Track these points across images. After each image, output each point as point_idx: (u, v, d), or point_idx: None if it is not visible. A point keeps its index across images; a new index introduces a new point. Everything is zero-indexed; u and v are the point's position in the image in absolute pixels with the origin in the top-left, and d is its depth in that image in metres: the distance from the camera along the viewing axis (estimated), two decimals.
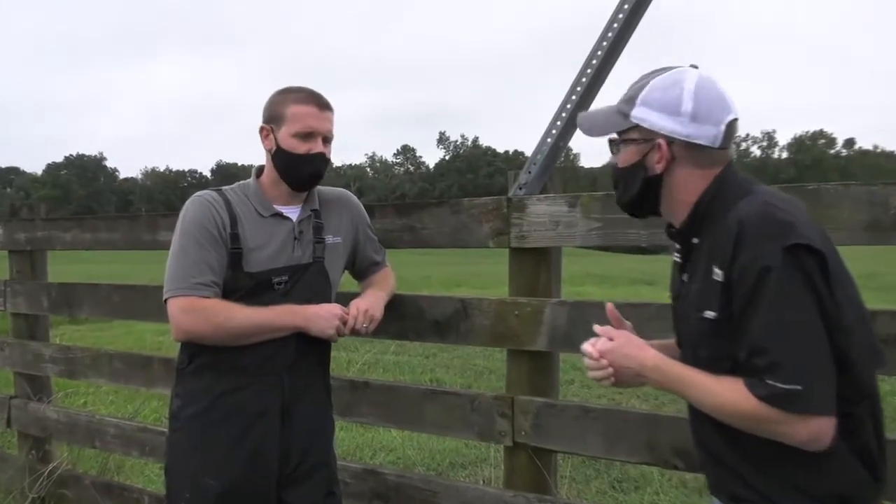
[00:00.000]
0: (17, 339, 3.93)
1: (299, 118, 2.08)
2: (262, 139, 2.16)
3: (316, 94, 2.13)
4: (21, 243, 3.85)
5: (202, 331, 2.01)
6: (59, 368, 3.71)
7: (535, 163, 2.40)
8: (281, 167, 2.13)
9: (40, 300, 3.74)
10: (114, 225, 3.47)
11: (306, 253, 2.15)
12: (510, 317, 2.36)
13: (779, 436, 1.29)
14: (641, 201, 1.51)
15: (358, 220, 2.33)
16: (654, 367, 1.44)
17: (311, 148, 2.10)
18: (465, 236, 2.47)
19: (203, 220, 2.05)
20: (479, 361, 7.99)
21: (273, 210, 2.14)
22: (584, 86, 2.36)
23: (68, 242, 3.66)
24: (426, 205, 2.56)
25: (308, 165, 2.11)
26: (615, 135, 1.50)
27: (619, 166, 1.51)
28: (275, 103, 2.12)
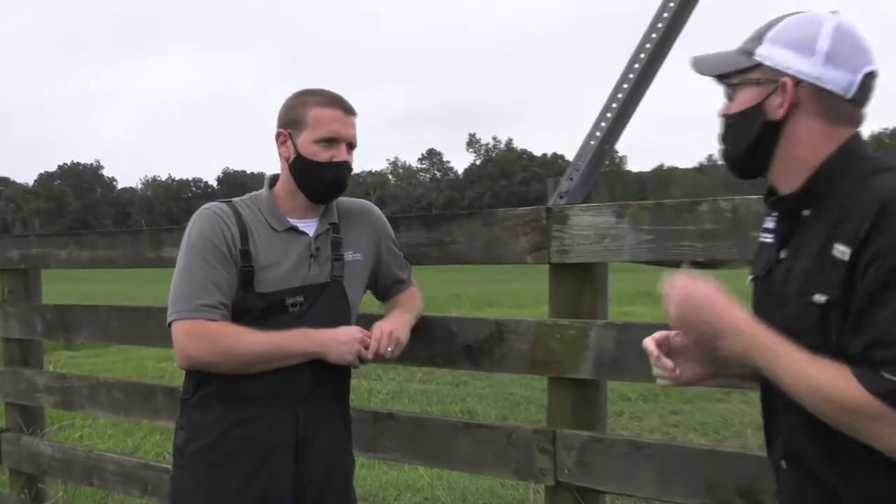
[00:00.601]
0: (8, 366, 4.01)
1: (322, 123, 2.12)
2: (279, 145, 2.19)
3: (339, 96, 2.16)
4: (14, 261, 3.93)
5: (208, 357, 2.04)
6: (54, 399, 3.77)
7: (578, 168, 2.40)
8: (300, 176, 2.16)
9: (34, 323, 3.81)
10: (114, 241, 3.54)
11: (324, 271, 2.17)
12: (551, 341, 2.36)
13: (870, 435, 1.26)
14: (753, 153, 1.44)
15: (380, 234, 2.35)
16: (741, 329, 1.36)
17: (334, 155, 2.13)
18: (500, 251, 2.47)
19: (211, 236, 2.08)
20: (516, 390, 7.96)
21: (288, 224, 2.17)
22: (632, 80, 2.36)
23: (64, 260, 3.73)
24: (456, 216, 2.57)
25: (331, 175, 2.14)
26: (733, 78, 1.45)
27: (733, 111, 1.46)
28: (294, 106, 2.16)
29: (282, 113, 2.19)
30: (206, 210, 2.15)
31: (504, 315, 2.88)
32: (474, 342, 2.49)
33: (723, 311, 1.38)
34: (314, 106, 2.13)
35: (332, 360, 2.09)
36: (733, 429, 6.20)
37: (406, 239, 2.59)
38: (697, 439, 5.89)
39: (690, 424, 6.45)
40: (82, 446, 4.17)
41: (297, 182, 2.17)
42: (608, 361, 2.27)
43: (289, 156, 2.17)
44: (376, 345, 2.11)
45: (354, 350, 2.09)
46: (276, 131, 2.18)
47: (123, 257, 3.48)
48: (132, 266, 3.46)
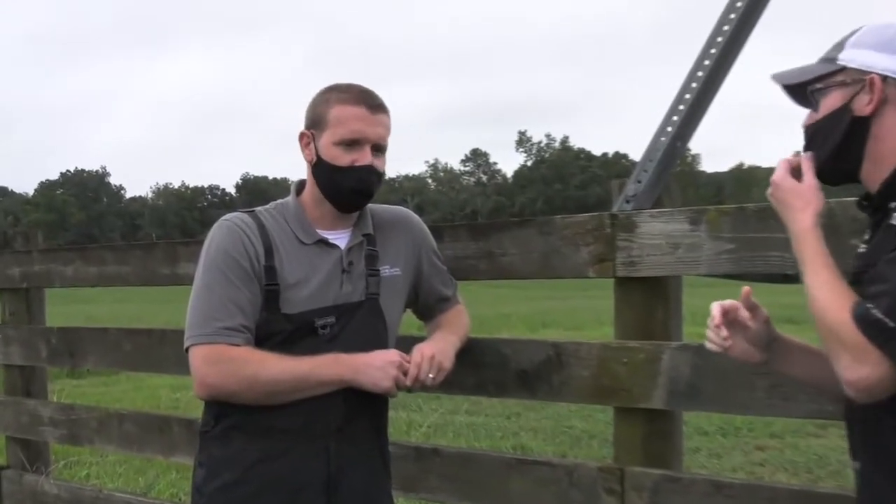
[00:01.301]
0: (10, 395, 4.10)
1: (343, 122, 2.13)
2: (302, 148, 2.22)
3: (367, 91, 2.17)
4: (15, 280, 4.02)
5: (230, 386, 2.07)
6: (59, 432, 3.84)
7: (647, 169, 2.40)
8: (322, 182, 2.19)
9: (38, 348, 3.89)
10: (124, 256, 3.60)
11: (357, 289, 2.19)
12: (617, 365, 2.35)
13: (839, 363, 1.48)
14: (842, 154, 1.62)
15: (421, 245, 2.36)
16: (796, 233, 1.63)
17: (355, 159, 2.14)
18: (558, 264, 2.47)
19: (232, 251, 2.11)
20: (577, 423, 7.92)
21: (317, 236, 2.19)
22: (707, 69, 2.36)
23: (69, 278, 3.81)
24: (507, 225, 2.58)
25: (351, 181, 2.15)
26: (817, 84, 1.65)
27: (819, 117, 1.65)
28: (317, 104, 2.18)
29: (307, 111, 2.21)
30: (226, 222, 2.18)
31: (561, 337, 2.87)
32: (529, 367, 2.49)
33: (795, 211, 1.64)
34: (337, 103, 2.14)
35: (367, 388, 2.10)
36: (830, 467, 6.11)
37: (451, 251, 2.60)
38: (787, 479, 5.80)
39: (779, 462, 6.36)
40: (90, 485, 4.25)
41: (321, 188, 2.19)
42: (683, 389, 2.25)
43: (311, 159, 2.20)
44: (416, 370, 2.10)
45: (392, 376, 2.08)
46: (300, 132, 2.21)
47: (135, 274, 3.54)
48: (144, 284, 3.52)
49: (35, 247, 4.09)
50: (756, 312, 1.75)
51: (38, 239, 4.18)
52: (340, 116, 2.13)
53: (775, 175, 1.70)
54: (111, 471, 6.21)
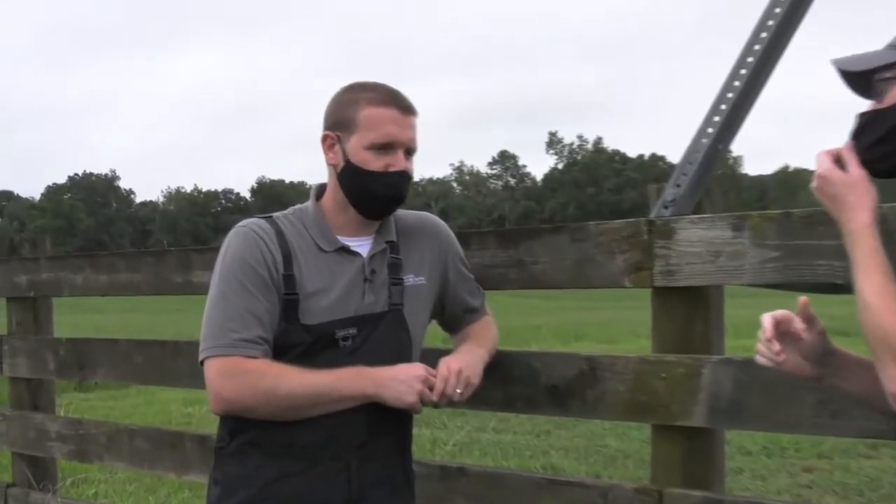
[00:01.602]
0: (16, 409, 4.14)
1: (376, 124, 2.14)
2: (325, 151, 2.22)
3: (396, 92, 2.19)
4: (22, 288, 4.07)
5: (247, 400, 2.07)
6: (67, 448, 3.88)
7: (686, 172, 2.39)
8: (350, 188, 2.19)
9: (45, 360, 3.93)
10: (136, 263, 3.64)
11: (380, 299, 2.19)
12: (655, 380, 2.34)
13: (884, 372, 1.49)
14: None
15: (447, 253, 2.37)
16: (850, 231, 1.62)
17: (389, 164, 2.15)
18: (592, 273, 2.47)
19: (249, 258, 2.12)
20: (611, 442, 7.89)
21: (338, 243, 2.20)
22: (751, 66, 2.35)
23: (79, 286, 3.85)
24: (539, 231, 2.58)
25: (385, 186, 2.16)
26: (886, 73, 1.62)
27: (884, 106, 1.62)
28: (343, 104, 2.19)
29: (329, 112, 2.21)
30: (242, 228, 2.19)
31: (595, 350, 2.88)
32: (561, 382, 2.48)
33: (850, 207, 1.62)
34: (367, 104, 2.15)
35: (390, 403, 2.10)
36: (882, 490, 6.05)
37: (478, 259, 2.61)
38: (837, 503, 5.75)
39: (828, 485, 6.30)
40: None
41: (347, 194, 2.20)
42: (725, 406, 2.24)
43: (337, 163, 2.19)
44: (443, 385, 2.10)
45: (417, 391, 2.08)
46: (323, 133, 2.21)
47: (147, 282, 3.58)
48: (157, 292, 3.56)
49: (43, 254, 4.13)
50: (812, 324, 1.71)
51: (45, 245, 4.22)
52: (372, 119, 2.14)
53: (821, 168, 1.66)
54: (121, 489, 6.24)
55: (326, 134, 2.21)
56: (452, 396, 2.11)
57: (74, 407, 8.48)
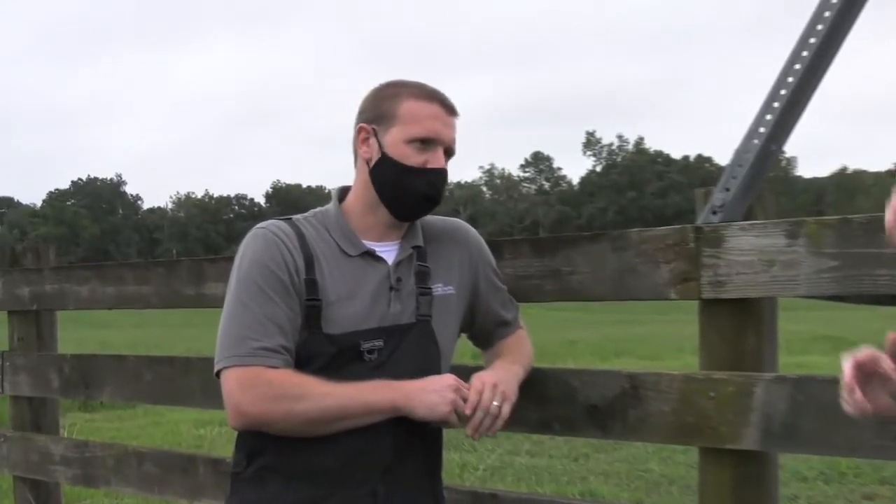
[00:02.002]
0: (17, 430, 4.17)
1: (419, 118, 2.17)
2: (358, 144, 2.25)
3: (440, 91, 2.23)
4: (25, 301, 4.11)
5: (269, 414, 2.07)
6: (72, 472, 3.91)
7: (736, 175, 2.39)
8: (384, 182, 2.20)
9: (49, 378, 3.97)
10: (145, 275, 3.67)
11: (407, 309, 2.20)
12: (703, 400, 2.34)
13: None
14: None
15: (478, 261, 2.38)
16: None
17: (428, 160, 2.18)
18: (634, 284, 2.47)
19: (268, 262, 2.13)
20: (654, 466, 7.86)
21: (363, 247, 2.21)
22: (806, 61, 2.34)
23: (85, 299, 3.89)
24: (577, 239, 2.58)
25: (424, 184, 2.18)
26: None
27: None
28: (382, 98, 2.22)
29: (365, 105, 2.25)
30: (261, 230, 2.20)
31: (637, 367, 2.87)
32: (601, 402, 2.48)
33: None
34: (409, 98, 2.19)
35: (421, 415, 2.08)
36: None
37: (511, 269, 2.62)
38: None
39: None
40: None
41: (380, 190, 2.21)
42: (779, 428, 2.23)
43: (370, 156, 2.22)
44: (477, 397, 2.09)
45: (450, 400, 2.07)
46: (357, 126, 2.24)
47: (157, 295, 3.61)
48: (167, 306, 3.58)
49: (46, 264, 4.17)
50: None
51: (49, 255, 4.25)
52: (415, 112, 2.18)
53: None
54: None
55: (362, 126, 2.23)
56: (491, 410, 2.10)
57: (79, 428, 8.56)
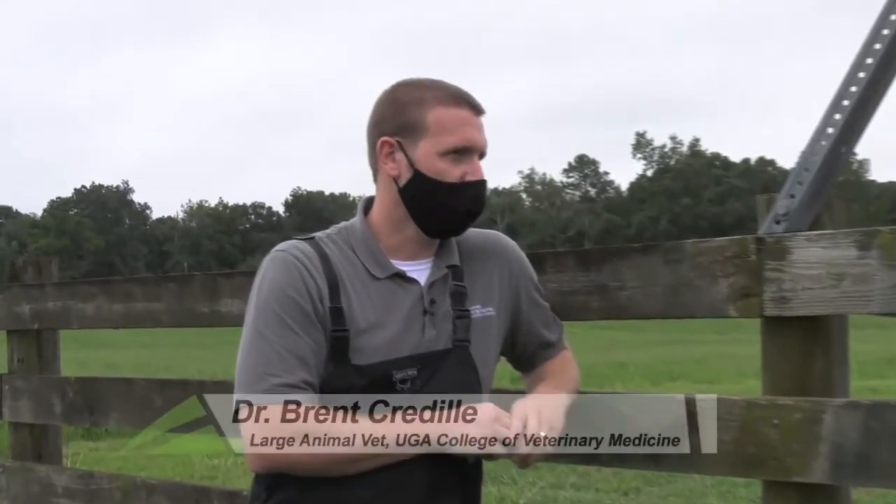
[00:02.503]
0: (18, 460, 4.21)
1: (452, 128, 2.17)
2: (381, 160, 2.24)
3: (462, 90, 2.23)
4: (25, 320, 4.15)
5: (291, 456, 2.07)
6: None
7: (802, 181, 2.38)
8: (420, 202, 2.20)
9: (51, 403, 4.00)
10: (156, 290, 3.70)
11: (442, 334, 2.21)
12: (766, 428, 2.33)
13: None
14: None
15: (519, 278, 2.39)
16: None
17: (467, 172, 2.19)
18: (689, 300, 2.47)
19: (289, 289, 2.14)
20: (713, 501, 7.83)
21: (392, 269, 2.22)
22: (880, 54, 2.33)
23: (90, 317, 3.92)
24: (626, 251, 2.58)
25: (466, 199, 2.19)
26: None
27: None
28: (404, 105, 2.21)
29: (384, 114, 2.24)
30: (280, 253, 2.21)
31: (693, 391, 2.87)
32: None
33: None
34: (436, 105, 2.18)
35: (459, 449, 2.08)
36: None
37: (554, 284, 2.62)
38: None
39: None
40: None
41: (414, 210, 2.21)
42: (851, 459, 2.22)
43: (399, 174, 2.21)
44: (520, 424, 2.08)
45: (489, 433, 2.06)
46: (379, 140, 2.22)
47: (168, 312, 3.63)
48: (179, 324, 3.62)
49: (49, 279, 4.21)
50: None
51: (52, 270, 4.28)
52: (445, 120, 2.17)
53: None
54: None
55: (385, 140, 2.22)
56: (538, 441, 2.09)
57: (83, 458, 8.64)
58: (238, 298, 3.23)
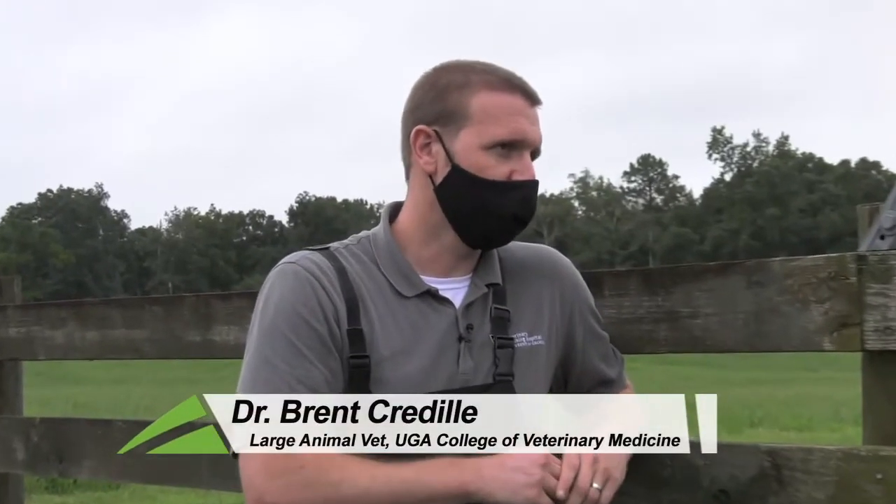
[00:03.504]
0: None
1: (499, 116, 2.17)
2: (416, 153, 2.25)
3: (517, 75, 2.24)
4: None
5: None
6: None
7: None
8: (459, 203, 2.21)
9: (12, 448, 3.99)
10: (138, 315, 3.69)
11: (482, 366, 2.22)
12: (867, 484, 2.32)
13: None
14: None
15: (574, 302, 2.40)
16: None
17: (516, 170, 2.19)
18: (775, 330, 2.46)
19: (300, 308, 2.16)
20: None
21: (422, 286, 2.24)
22: None
23: (59, 346, 3.91)
24: (700, 271, 2.58)
25: (513, 202, 2.19)
26: None
27: None
28: (445, 88, 2.22)
29: (422, 99, 2.25)
30: (290, 266, 2.23)
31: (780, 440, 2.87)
32: (732, 486, 2.47)
33: None
34: (482, 88, 2.19)
35: (502, 499, 2.08)
36: None
37: (614, 310, 2.63)
38: None
39: None
40: None
41: (453, 213, 2.22)
42: None
43: (435, 169, 2.22)
44: (572, 473, 2.09)
45: (537, 479, 2.06)
46: (413, 129, 2.24)
47: (152, 341, 3.63)
48: (165, 355, 3.61)
49: (11, 301, 4.19)
50: None
51: (13, 289, 4.26)
52: (494, 108, 2.18)
53: None
54: None
55: (420, 129, 2.23)
56: (588, 493, 2.10)
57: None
58: (235, 325, 3.24)
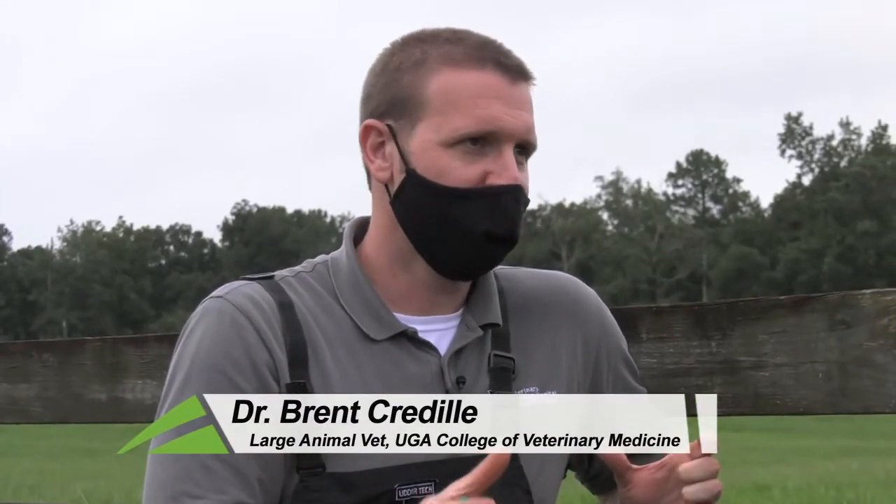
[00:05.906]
0: None
1: (464, 102, 2.16)
2: (367, 155, 2.27)
3: (493, 43, 2.23)
4: None
5: None
6: None
7: None
8: (416, 221, 2.23)
9: None
10: (23, 365, 3.71)
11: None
12: None
13: None
14: None
15: (601, 347, 2.43)
16: None
17: (489, 172, 2.17)
18: (865, 385, 2.47)
19: (223, 360, 2.17)
20: None
21: (397, 326, 2.25)
22: None
23: None
24: (767, 307, 2.60)
25: (484, 215, 2.18)
26: None
27: None
28: (399, 70, 2.22)
29: (371, 86, 2.27)
30: (217, 302, 2.24)
31: None
32: None
33: None
34: (442, 66, 2.18)
35: None
36: None
37: (654, 359, 2.66)
38: None
39: None
40: None
41: (412, 235, 2.23)
42: None
43: (390, 176, 2.23)
44: None
45: None
46: (361, 124, 2.26)
47: (42, 400, 3.65)
48: (61, 419, 3.63)
49: None
50: None
51: None
52: (454, 91, 2.17)
53: None
54: None
55: (370, 124, 2.25)
56: None
57: None
58: (151, 379, 3.25)
